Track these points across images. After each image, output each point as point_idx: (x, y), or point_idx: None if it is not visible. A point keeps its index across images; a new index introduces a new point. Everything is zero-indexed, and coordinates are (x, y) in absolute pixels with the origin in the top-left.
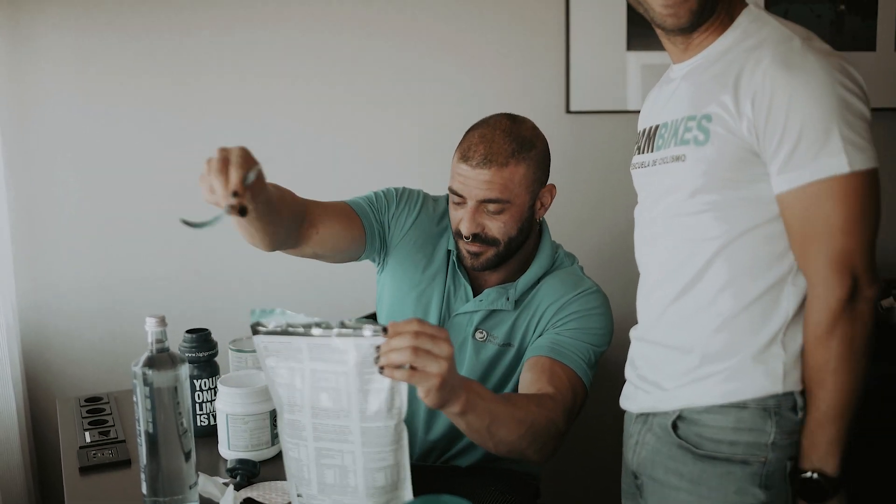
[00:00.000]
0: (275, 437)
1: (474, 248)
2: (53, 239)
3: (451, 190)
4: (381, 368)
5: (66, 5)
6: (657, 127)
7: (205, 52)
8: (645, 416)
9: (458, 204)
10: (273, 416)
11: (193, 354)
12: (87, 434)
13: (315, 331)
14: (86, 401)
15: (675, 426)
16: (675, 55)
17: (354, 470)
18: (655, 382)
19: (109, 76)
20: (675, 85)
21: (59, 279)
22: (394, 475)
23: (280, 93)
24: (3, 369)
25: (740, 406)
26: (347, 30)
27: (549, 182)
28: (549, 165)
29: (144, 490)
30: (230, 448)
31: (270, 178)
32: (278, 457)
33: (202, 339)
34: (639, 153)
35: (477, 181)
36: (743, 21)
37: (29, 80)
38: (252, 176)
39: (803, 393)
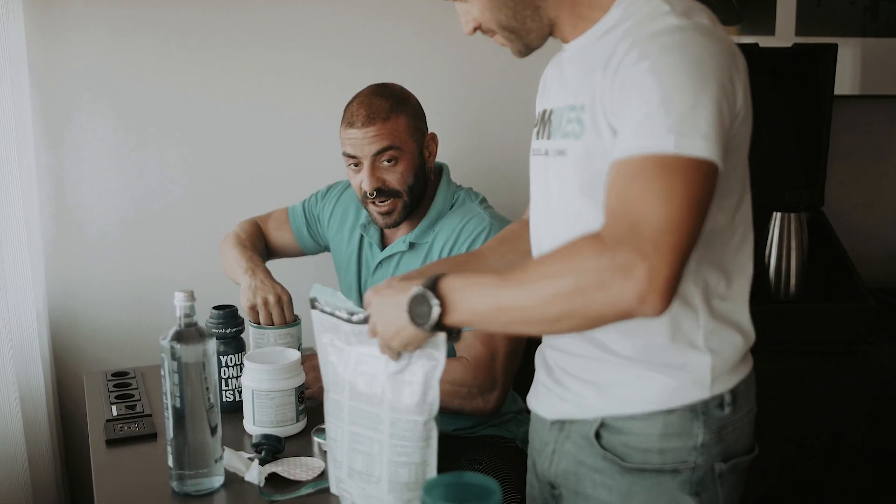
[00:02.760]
0: (300, 414)
1: (384, 206)
2: (81, 218)
3: (345, 155)
4: None
5: None
6: (551, 112)
7: (237, 33)
8: (560, 424)
9: (356, 167)
10: (298, 392)
11: (220, 331)
12: (113, 408)
13: (355, 317)
14: (112, 375)
15: (598, 435)
16: (562, 36)
17: (380, 461)
18: (571, 388)
19: (140, 57)
20: (562, 66)
21: (87, 258)
22: (419, 473)
23: (311, 72)
24: (31, 346)
25: (667, 411)
26: (380, 15)
27: (429, 131)
28: (425, 118)
29: (171, 463)
30: (255, 423)
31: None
32: (303, 433)
33: (229, 316)
34: (536, 138)
35: (366, 139)
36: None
37: (59, 64)
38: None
39: (732, 391)
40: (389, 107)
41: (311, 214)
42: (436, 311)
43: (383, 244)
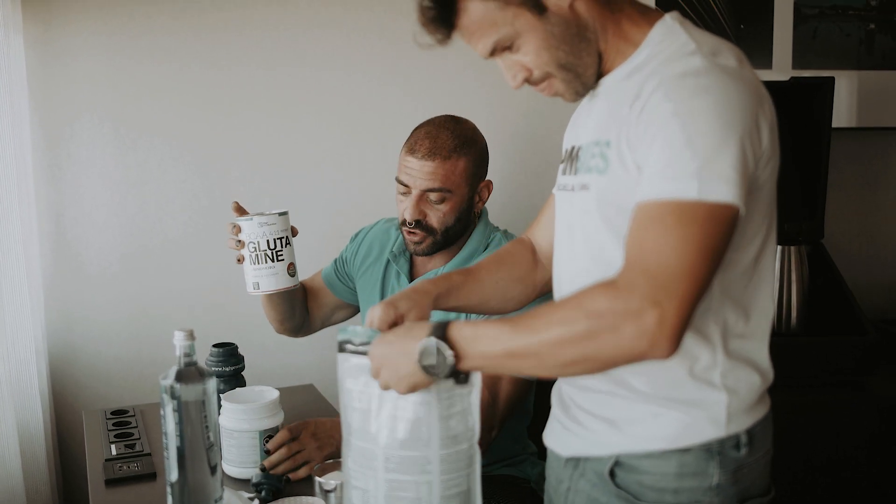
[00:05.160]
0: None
1: (416, 236)
2: (81, 254)
3: (398, 180)
4: None
5: (98, 19)
6: (578, 148)
7: (237, 68)
8: (575, 461)
9: (404, 194)
10: (262, 436)
11: (220, 368)
12: (112, 447)
13: None
14: (112, 413)
15: (612, 474)
16: (601, 70)
17: (430, 500)
18: (586, 425)
19: (141, 93)
20: (592, 104)
21: (87, 294)
22: (465, 501)
23: (317, 105)
24: (30, 383)
25: (683, 450)
26: (390, 36)
27: (486, 178)
28: (488, 163)
29: (170, 503)
30: (225, 462)
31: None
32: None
33: (229, 354)
34: (563, 174)
35: (422, 172)
36: (654, 36)
37: (60, 98)
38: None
39: (748, 432)
40: (454, 146)
41: (339, 262)
42: (450, 360)
43: (412, 276)
